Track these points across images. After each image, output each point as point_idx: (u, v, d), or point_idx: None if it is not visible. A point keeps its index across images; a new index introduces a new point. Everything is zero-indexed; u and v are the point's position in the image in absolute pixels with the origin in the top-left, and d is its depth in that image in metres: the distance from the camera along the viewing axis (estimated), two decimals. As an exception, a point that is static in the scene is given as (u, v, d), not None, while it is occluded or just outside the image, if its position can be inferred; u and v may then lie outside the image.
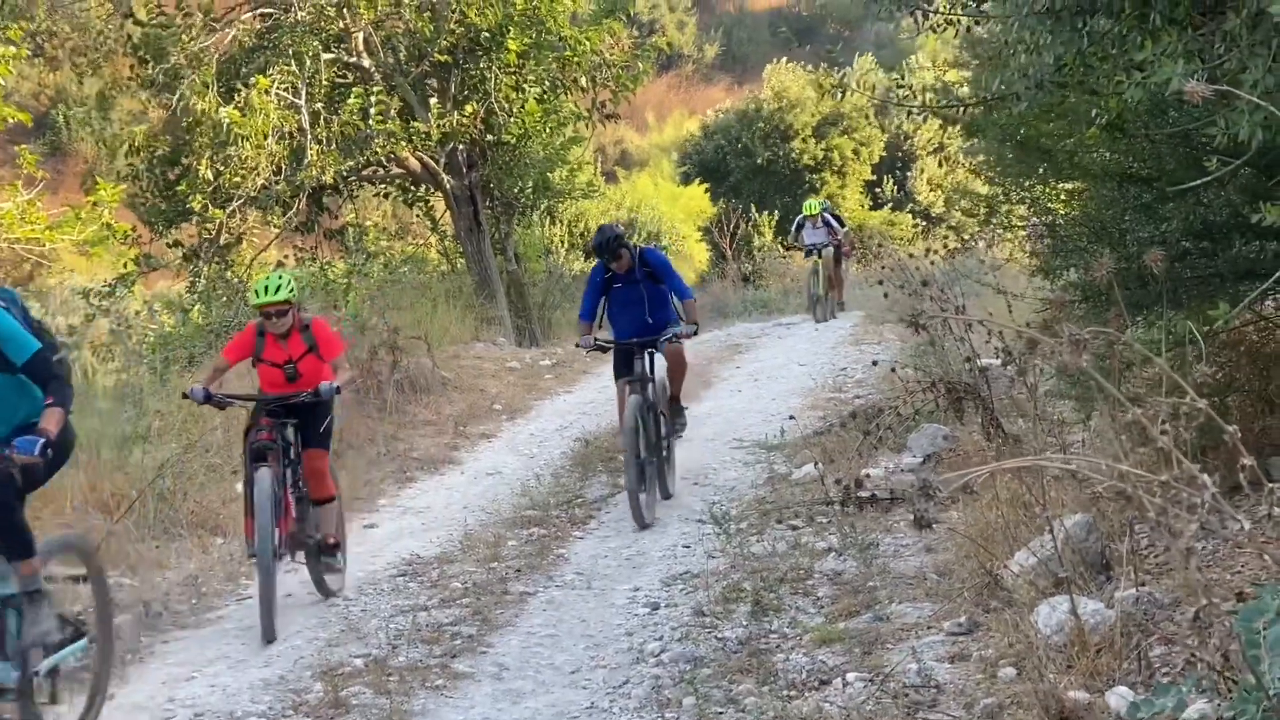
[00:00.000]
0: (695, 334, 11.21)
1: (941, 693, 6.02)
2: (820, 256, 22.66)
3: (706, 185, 37.77)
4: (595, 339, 11.00)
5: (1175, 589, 5.97)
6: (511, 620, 8.19)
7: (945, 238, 18.04)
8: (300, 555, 8.99)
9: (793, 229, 24.00)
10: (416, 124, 19.53)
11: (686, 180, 39.63)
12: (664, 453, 11.08)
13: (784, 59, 40.35)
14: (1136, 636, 5.48)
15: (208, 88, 17.85)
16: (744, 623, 7.61)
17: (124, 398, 14.78)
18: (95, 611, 7.21)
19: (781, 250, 32.12)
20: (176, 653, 8.05)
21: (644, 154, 51.30)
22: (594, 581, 8.90)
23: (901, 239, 34.54)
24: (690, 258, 35.26)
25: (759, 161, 37.41)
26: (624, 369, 10.95)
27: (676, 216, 35.80)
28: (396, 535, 10.66)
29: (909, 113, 9.09)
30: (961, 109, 7.47)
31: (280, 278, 9.28)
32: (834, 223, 23.26)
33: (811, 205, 23.53)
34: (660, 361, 11.23)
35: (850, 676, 6.40)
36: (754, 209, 34.75)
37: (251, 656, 7.87)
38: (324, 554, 9.13)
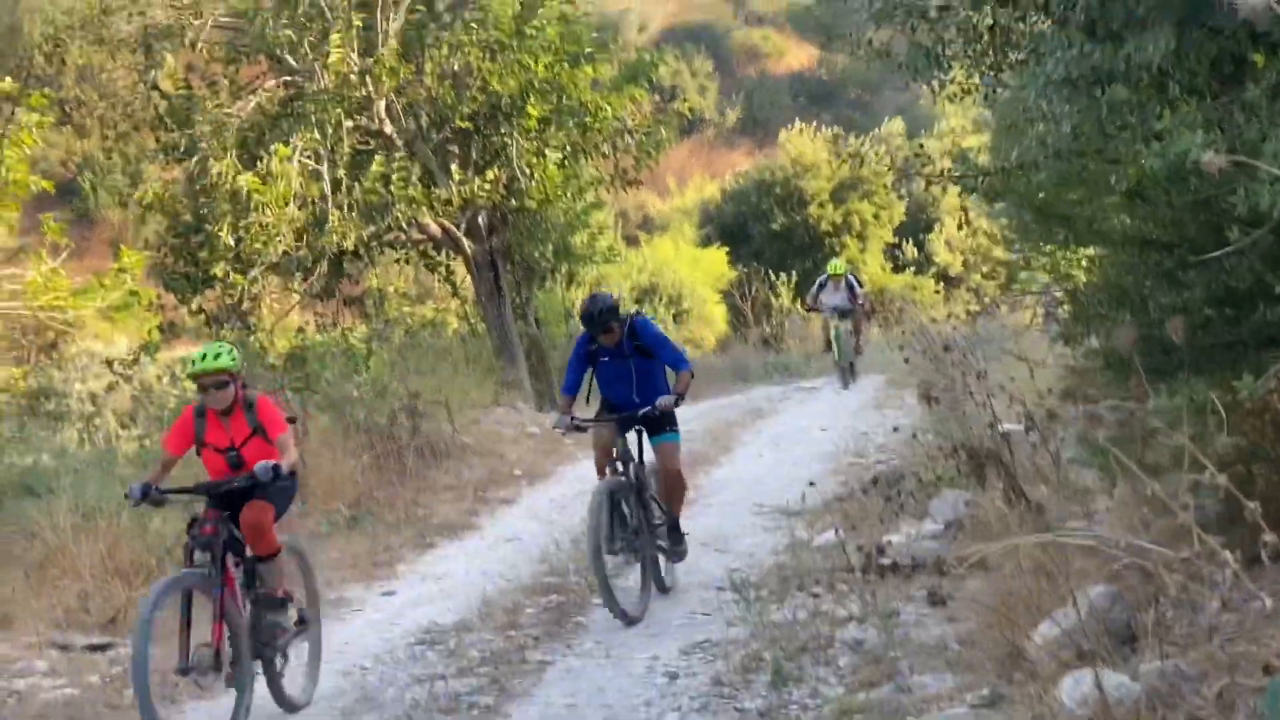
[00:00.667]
0: (678, 404, 10.10)
1: (965, 767, 5.94)
2: (840, 320, 21.97)
3: (727, 249, 37.84)
4: (573, 418, 10.14)
5: (1201, 661, 5.88)
6: (529, 690, 8.12)
7: (966, 302, 18.03)
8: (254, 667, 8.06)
9: (813, 289, 23.21)
10: (438, 190, 19.62)
11: (707, 243, 39.73)
12: (654, 541, 10.13)
13: (798, 124, 40.49)
14: (1162, 711, 5.39)
15: (226, 153, 17.95)
16: (763, 693, 7.54)
17: (145, 464, 14.77)
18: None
19: (801, 312, 31.80)
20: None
21: (665, 218, 51.43)
22: (613, 650, 8.83)
23: (924, 303, 34.54)
24: (710, 321, 35.29)
25: (775, 227, 37.46)
26: (605, 442, 10.20)
27: (697, 280, 35.87)
28: (415, 602, 10.60)
29: (927, 182, 9.05)
30: (980, 178, 7.45)
31: (221, 345, 8.42)
32: (856, 285, 22.65)
33: (836, 266, 23.00)
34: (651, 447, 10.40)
35: (871, 750, 6.33)
36: (773, 273, 34.78)
37: (268, 727, 7.83)
38: (268, 610, 8.21)
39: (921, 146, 9.93)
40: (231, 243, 18.51)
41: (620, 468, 9.95)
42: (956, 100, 7.24)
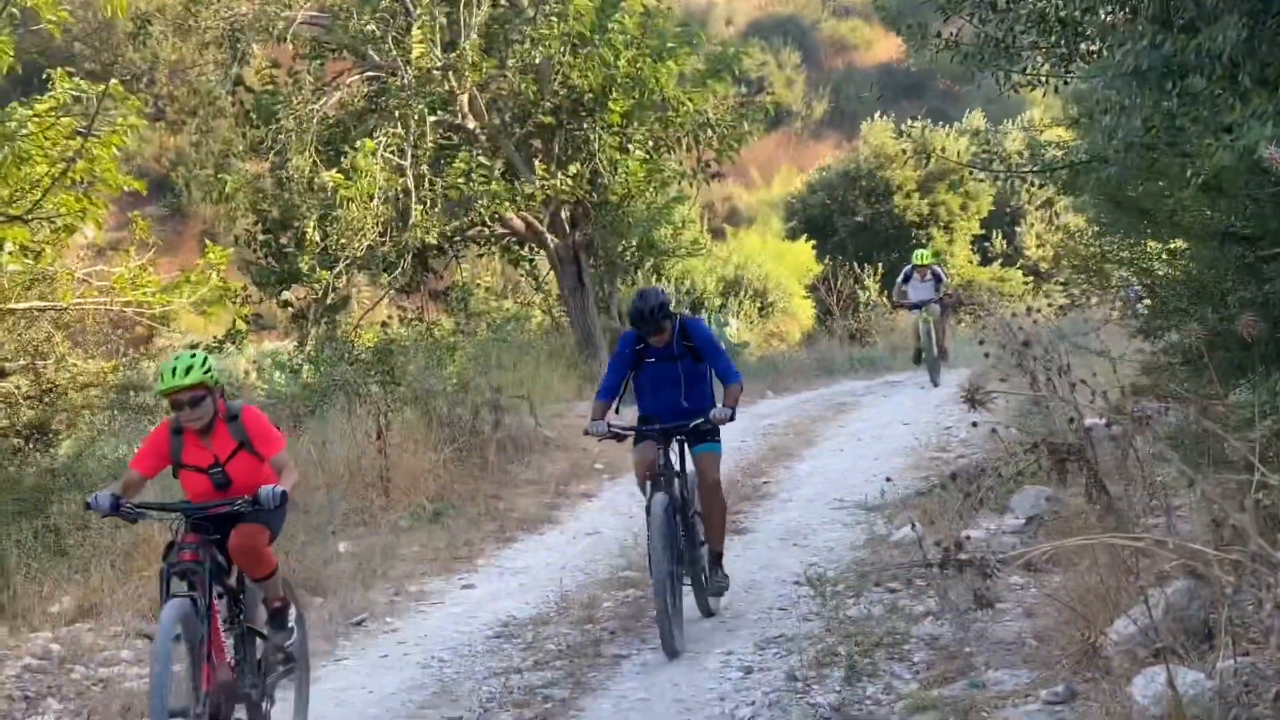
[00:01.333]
0: (731, 419, 9.19)
1: (1037, 765, 5.90)
2: (927, 313, 21.08)
3: (813, 241, 37.67)
4: (610, 424, 9.25)
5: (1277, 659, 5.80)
6: (604, 684, 8.15)
7: (1049, 296, 17.81)
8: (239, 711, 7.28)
9: (898, 281, 22.41)
10: (520, 184, 19.71)
11: (793, 236, 39.57)
12: (697, 565, 9.35)
13: (879, 116, 40.22)
14: (1235, 710, 5.33)
15: (308, 148, 18.14)
16: (837, 688, 7.52)
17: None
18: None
19: (887, 305, 31.27)
20: (273, 714, 8.08)
21: (752, 210, 51.30)
22: (688, 644, 8.83)
23: (1011, 295, 34.19)
24: (796, 315, 35.16)
25: (860, 219, 37.26)
26: (649, 455, 9.22)
27: (783, 273, 35.75)
28: (494, 596, 10.66)
29: (996, 178, 8.96)
30: (1050, 172, 7.38)
31: (192, 356, 7.31)
32: (942, 276, 21.93)
33: (922, 255, 22.13)
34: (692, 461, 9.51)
35: (943, 747, 6.30)
36: (858, 266, 34.58)
37: (346, 718, 7.89)
38: (271, 620, 7.57)
39: (989, 141, 9.78)
40: (317, 239, 18.71)
41: (664, 483, 9.04)
42: (1024, 92, 7.16)
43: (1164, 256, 8.16)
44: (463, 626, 9.74)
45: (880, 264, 34.06)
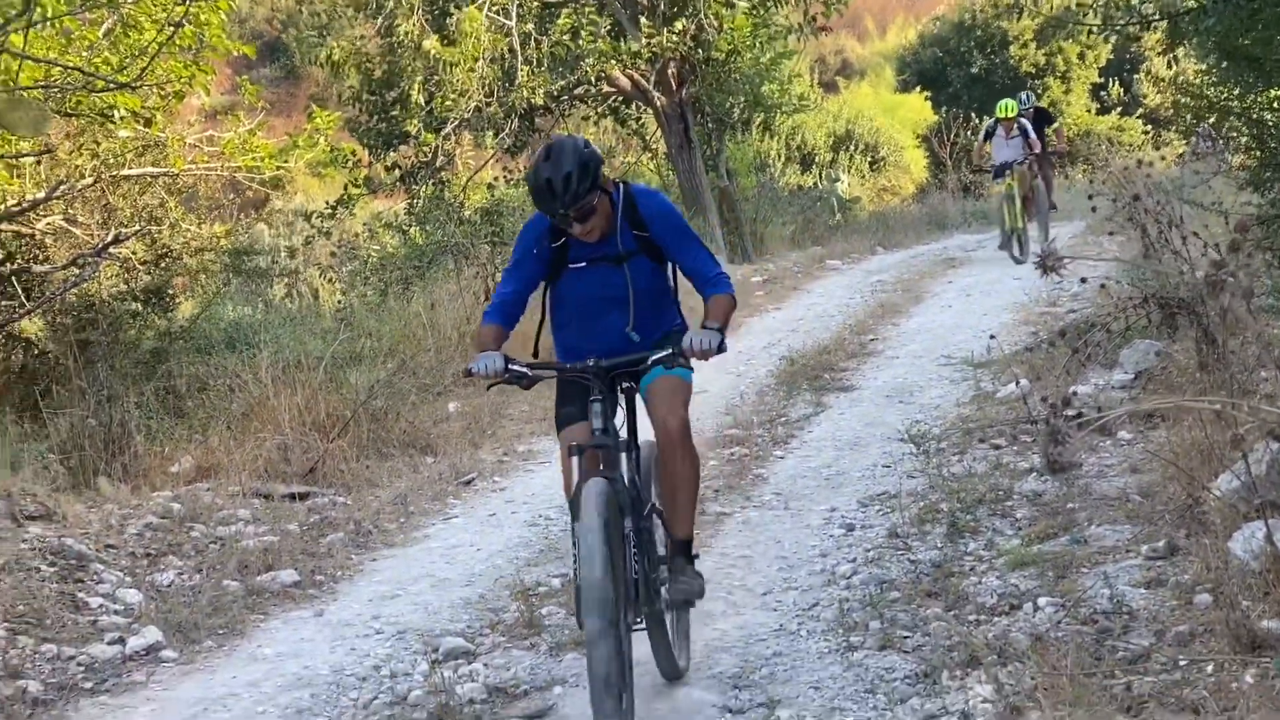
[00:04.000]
0: (719, 348, 5.62)
1: (1134, 619, 5.91)
2: (1014, 176, 18.35)
3: (926, 94, 37.11)
4: (509, 363, 5.65)
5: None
6: (707, 541, 8.22)
7: (1173, 145, 17.33)
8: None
9: (979, 137, 20.01)
10: (626, 42, 19.56)
11: (905, 89, 39.00)
12: (657, 602, 5.95)
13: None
14: (1334, 565, 5.31)
15: (414, 12, 18.12)
16: (938, 545, 7.55)
17: (343, 319, 15.19)
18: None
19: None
20: (383, 570, 8.29)
21: (864, 63, 50.55)
22: (791, 502, 8.91)
23: (1130, 145, 33.53)
24: (908, 168, 34.77)
25: (975, 70, 36.54)
26: (576, 415, 5.89)
27: (895, 127, 35.30)
28: (600, 456, 10.75)
29: (1088, 31, 8.75)
30: (1147, 24, 7.20)
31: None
32: (1031, 133, 18.93)
33: (1007, 106, 19.21)
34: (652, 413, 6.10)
35: (1041, 601, 6.32)
36: (974, 116, 33.99)
37: (454, 576, 8.06)
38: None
39: (1081, -7, 9.38)
40: (423, 101, 18.76)
41: (604, 463, 5.66)
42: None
43: (1275, 105, 7.97)
44: (569, 487, 9.85)
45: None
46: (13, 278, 11.93)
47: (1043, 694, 5.20)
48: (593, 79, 19.87)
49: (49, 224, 13.07)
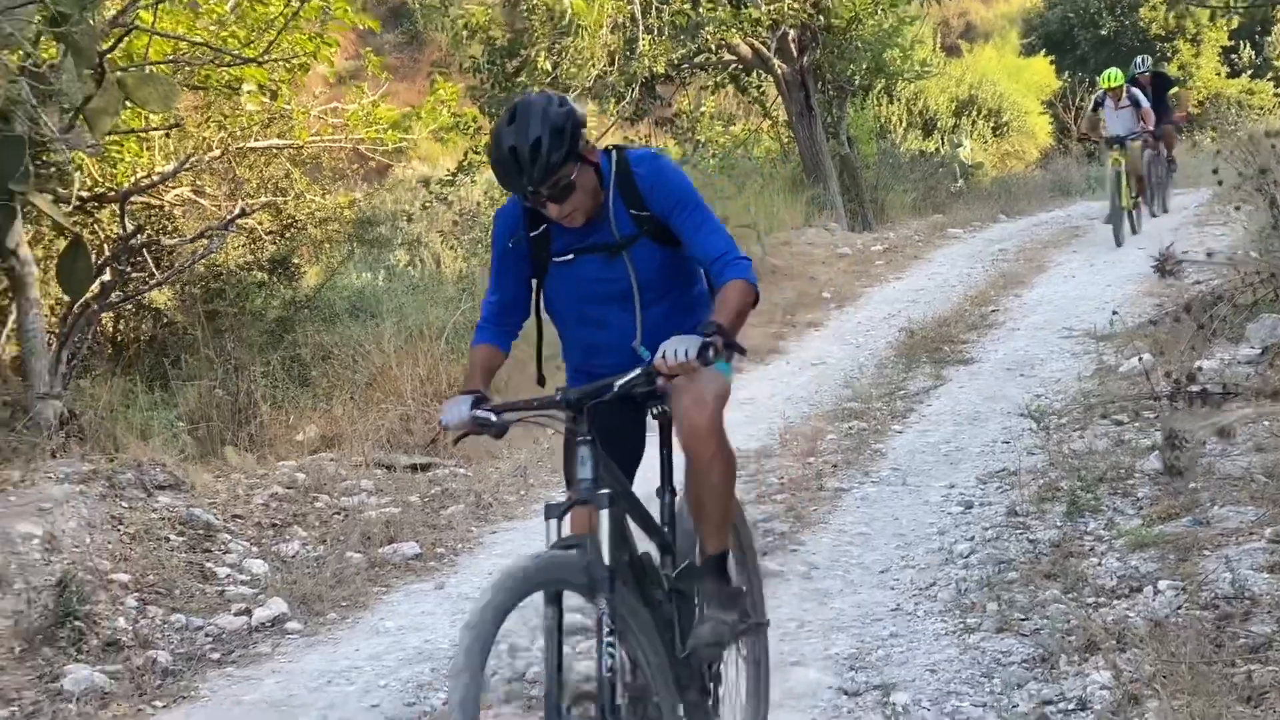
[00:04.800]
0: (704, 358, 4.17)
1: (1255, 605, 5.83)
2: (1124, 150, 17.60)
3: (1051, 57, 36.53)
4: (479, 405, 4.47)
5: None
6: (824, 518, 8.24)
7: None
8: None
9: (1088, 108, 19.37)
10: (747, 9, 19.49)
11: (1030, 52, 38.41)
12: (708, 695, 4.81)
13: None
14: None
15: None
16: (1057, 524, 7.48)
17: (464, 288, 15.31)
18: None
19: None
20: (503, 543, 8.38)
21: (989, 25, 49.79)
22: (909, 478, 8.88)
23: (1261, 108, 32.81)
24: (1032, 133, 34.28)
25: (1104, 32, 35.87)
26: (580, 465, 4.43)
27: (1019, 91, 34.80)
28: (720, 427, 10.75)
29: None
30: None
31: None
32: (1144, 101, 18.13)
33: (1111, 75, 18.52)
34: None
35: (1162, 585, 6.24)
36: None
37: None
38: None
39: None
40: (548, 68, 18.85)
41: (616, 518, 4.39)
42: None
43: None
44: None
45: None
46: (144, 249, 12.18)
47: (1161, 682, 5.16)
48: (713, 47, 19.85)
49: (177, 196, 13.32)
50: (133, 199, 12.22)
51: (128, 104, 10.37)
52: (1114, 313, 11.82)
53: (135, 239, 11.69)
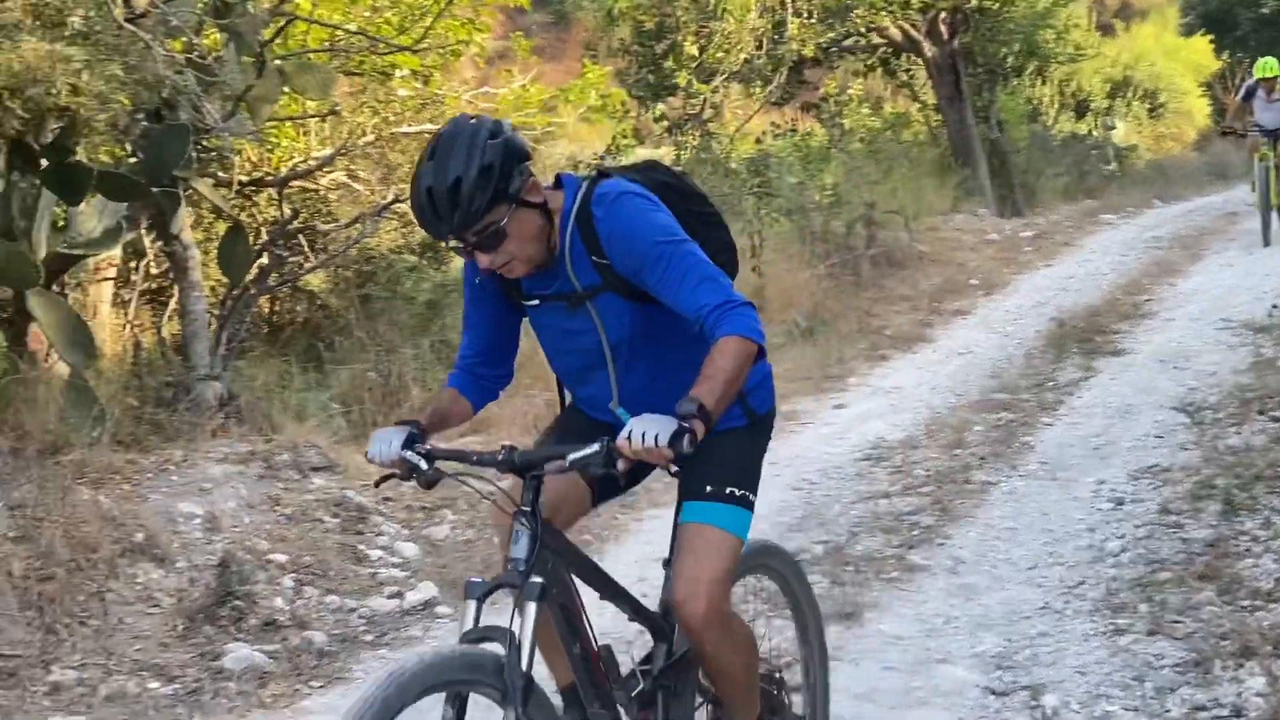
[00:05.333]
0: (678, 446, 3.38)
1: None
2: (1268, 149, 16.53)
3: (1210, 36, 35.73)
4: (416, 445, 3.83)
5: None
6: (971, 511, 8.18)
7: None
8: None
9: (1238, 95, 17.85)
10: (899, -8, 19.39)
11: (1189, 33, 37.61)
12: None
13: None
14: None
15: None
16: (1212, 523, 7.34)
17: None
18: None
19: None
20: (649, 530, 8.40)
21: (1146, 2, 48.79)
22: (1058, 472, 8.76)
23: None
24: (1190, 115, 33.58)
25: (1266, 11, 34.95)
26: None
27: (1176, 71, 34.11)
28: (864, 417, 10.74)
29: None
30: None
31: None
32: None
33: (1268, 65, 16.94)
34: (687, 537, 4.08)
35: (1320, 589, 6.14)
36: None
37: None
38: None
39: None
40: (695, 52, 18.90)
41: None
42: None
43: None
44: (832, 447, 9.87)
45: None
46: (300, 234, 12.42)
47: (1319, 692, 5.07)
48: (863, 30, 19.74)
49: (332, 180, 13.53)
50: (290, 184, 12.46)
51: (285, 91, 10.59)
52: (1274, 305, 11.56)
53: (292, 223, 11.92)
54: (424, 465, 3.79)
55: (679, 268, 3.70)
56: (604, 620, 4.02)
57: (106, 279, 10.69)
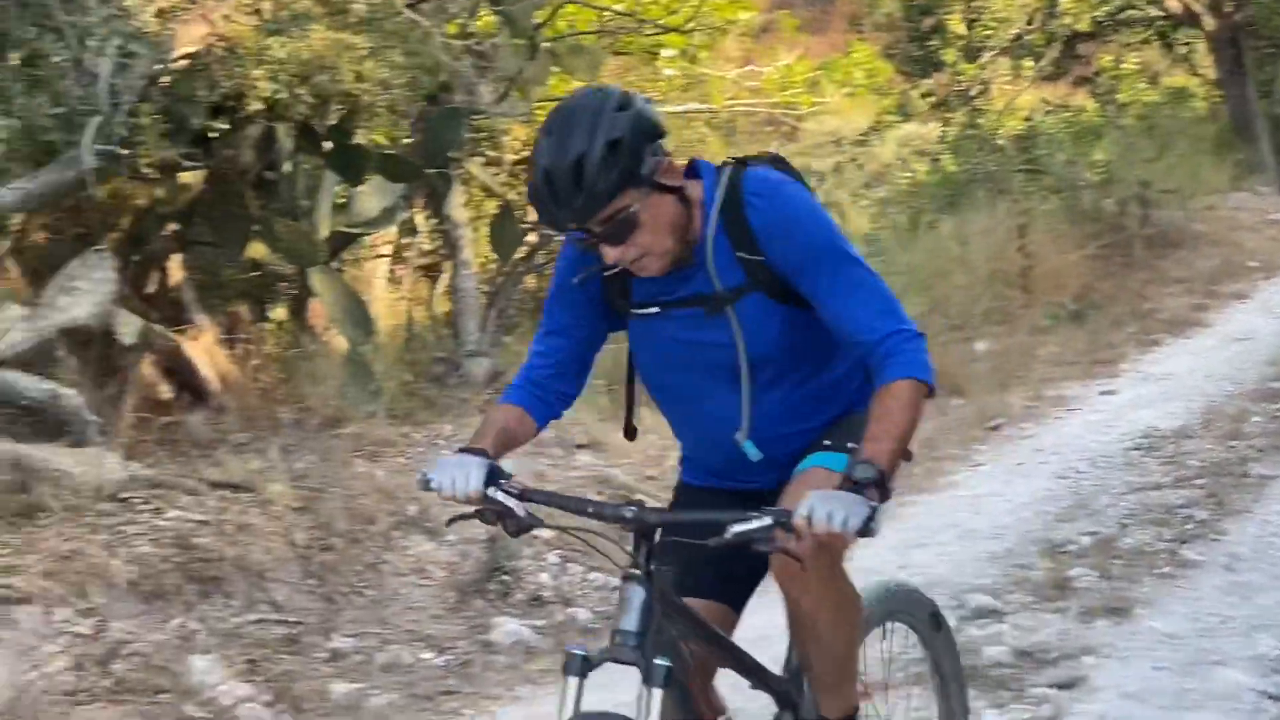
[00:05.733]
0: (867, 530, 2.71)
1: None
2: None
3: None
4: (493, 484, 3.07)
5: None
6: (1249, 506, 7.90)
7: None
8: None
9: None
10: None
11: None
12: None
13: None
14: None
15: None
16: None
17: (871, 250, 15.24)
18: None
19: None
20: (911, 517, 8.34)
21: None
22: (1341, 469, 8.44)
23: None
24: None
25: None
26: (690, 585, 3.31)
27: None
28: (1134, 404, 10.46)
29: None
30: None
31: None
32: None
33: None
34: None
35: None
36: None
37: (981, 527, 8.02)
38: None
39: None
40: (963, 29, 18.69)
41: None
42: None
43: None
44: (1100, 436, 9.64)
45: None
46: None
47: None
48: (1141, 2, 19.21)
49: (598, 159, 13.75)
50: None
51: (554, 71, 10.78)
52: None
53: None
54: (518, 510, 3.10)
55: (849, 277, 3.13)
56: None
57: (381, 256, 11.05)
